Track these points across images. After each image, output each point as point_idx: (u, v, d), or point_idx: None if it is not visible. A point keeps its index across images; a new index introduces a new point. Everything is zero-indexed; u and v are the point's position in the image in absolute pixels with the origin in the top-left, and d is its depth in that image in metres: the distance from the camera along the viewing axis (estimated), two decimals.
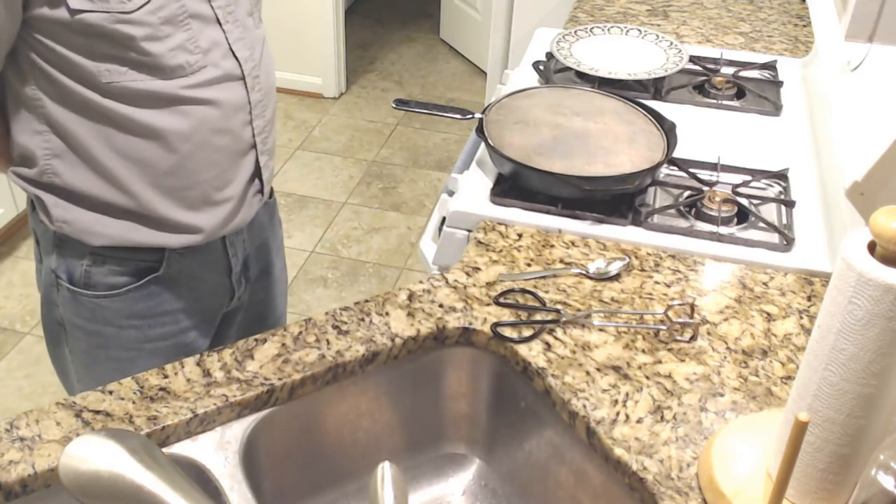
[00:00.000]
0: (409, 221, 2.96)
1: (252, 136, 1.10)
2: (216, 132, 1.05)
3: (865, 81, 1.26)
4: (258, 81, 1.09)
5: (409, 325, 1.01)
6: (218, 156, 1.07)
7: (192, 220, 1.08)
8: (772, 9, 1.94)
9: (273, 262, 1.32)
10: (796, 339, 1.02)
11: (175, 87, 1.00)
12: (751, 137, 1.43)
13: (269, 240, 1.30)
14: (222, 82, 1.04)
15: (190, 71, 1.00)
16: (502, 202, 1.23)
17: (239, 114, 1.07)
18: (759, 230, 1.20)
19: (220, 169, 1.08)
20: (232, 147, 1.08)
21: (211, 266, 1.17)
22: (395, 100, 1.42)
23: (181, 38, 0.98)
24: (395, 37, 4.25)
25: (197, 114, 1.02)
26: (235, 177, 1.10)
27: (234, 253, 1.19)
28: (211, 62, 1.02)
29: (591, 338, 1.01)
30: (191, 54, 1.00)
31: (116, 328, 1.13)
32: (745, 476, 0.81)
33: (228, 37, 1.04)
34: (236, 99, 1.06)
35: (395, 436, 1.06)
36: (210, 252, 1.15)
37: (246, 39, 1.06)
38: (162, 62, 0.98)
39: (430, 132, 3.47)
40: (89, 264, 1.09)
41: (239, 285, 1.23)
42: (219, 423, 0.91)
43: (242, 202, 1.13)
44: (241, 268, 1.22)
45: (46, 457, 0.84)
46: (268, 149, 1.15)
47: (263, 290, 1.32)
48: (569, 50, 1.61)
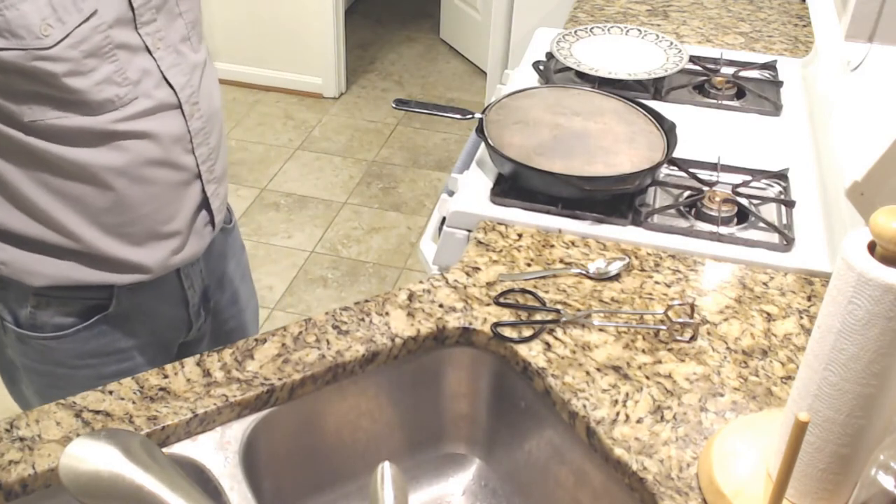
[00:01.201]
0: (409, 221, 2.96)
1: (196, 165, 1.05)
2: (154, 165, 1.00)
3: (865, 81, 1.26)
4: (197, 108, 1.03)
5: (409, 325, 1.01)
6: (157, 189, 1.01)
7: (137, 257, 1.04)
8: (772, 9, 1.94)
9: (239, 290, 1.28)
10: (796, 339, 1.02)
11: (105, 122, 0.94)
12: (751, 137, 1.43)
13: (231, 268, 1.26)
14: (156, 112, 0.99)
15: (120, 104, 0.95)
16: (502, 202, 1.23)
17: (178, 144, 1.02)
18: (759, 230, 1.20)
19: (162, 202, 1.03)
20: (172, 179, 1.03)
21: (165, 300, 1.13)
22: (395, 100, 1.42)
23: (107, 71, 0.93)
24: (395, 37, 4.25)
25: (132, 148, 0.97)
26: (181, 209, 1.05)
27: (189, 285, 1.15)
28: (142, 93, 0.96)
29: (591, 338, 1.01)
30: (119, 87, 0.94)
31: (69, 368, 1.09)
32: (745, 476, 0.81)
33: (161, 65, 0.98)
34: (174, 129, 1.01)
35: (395, 436, 1.06)
36: (164, 286, 1.11)
37: (181, 66, 1.01)
38: (88, 97, 0.92)
39: (430, 132, 3.47)
40: (34, 306, 1.04)
41: (197, 317, 1.19)
42: (219, 423, 0.91)
43: (189, 234, 1.08)
44: (199, 299, 1.18)
45: (46, 457, 0.84)
46: (215, 177, 1.09)
47: (234, 320, 1.29)
48: (569, 50, 1.61)
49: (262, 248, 2.81)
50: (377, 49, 4.12)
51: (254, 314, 1.36)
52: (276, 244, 2.83)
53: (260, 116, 3.54)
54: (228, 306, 1.27)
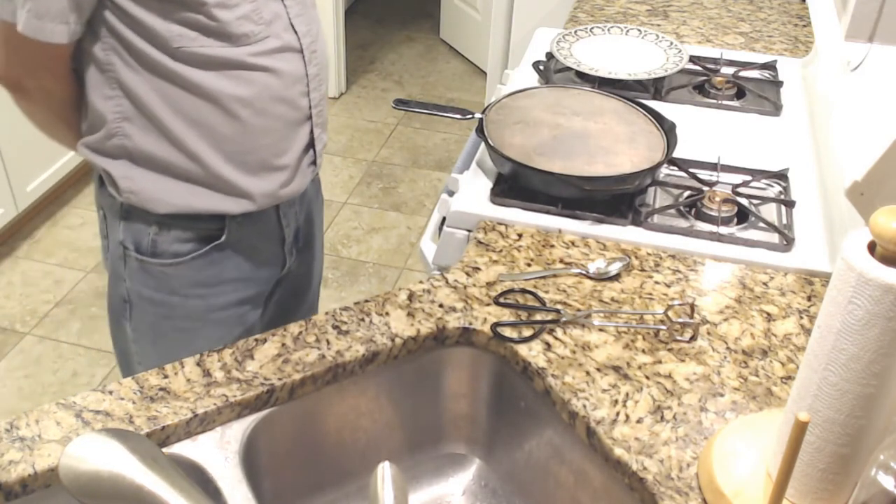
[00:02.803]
0: (409, 221, 2.96)
1: (309, 107, 1.15)
2: (276, 100, 1.10)
3: (865, 81, 1.26)
4: (315, 56, 1.14)
5: (409, 325, 1.01)
6: (277, 123, 1.11)
7: (250, 185, 1.13)
8: (772, 9, 1.94)
9: (315, 236, 1.36)
10: (796, 339, 1.02)
11: (241, 53, 1.05)
12: (751, 137, 1.44)
13: (315, 213, 1.34)
14: (283, 52, 1.09)
15: (254, 40, 1.06)
16: (502, 202, 1.23)
17: (297, 85, 1.12)
18: (759, 230, 1.20)
19: (278, 136, 1.12)
20: (289, 116, 1.12)
21: (266, 235, 1.22)
22: (395, 100, 1.42)
23: (247, 9, 1.04)
24: (395, 37, 4.25)
25: (259, 81, 1.07)
26: (292, 145, 1.15)
27: (287, 223, 1.23)
28: (273, 33, 1.07)
29: (591, 338, 1.01)
30: (255, 24, 1.05)
31: (182, 297, 1.18)
32: (745, 476, 0.81)
33: (289, 11, 1.09)
34: (295, 70, 1.11)
35: (395, 436, 1.06)
36: (265, 222, 1.20)
37: (304, 16, 1.12)
38: (229, 29, 1.03)
39: (430, 132, 3.47)
40: (156, 232, 1.14)
41: (290, 255, 1.28)
42: (219, 423, 0.91)
43: (297, 170, 1.18)
44: (293, 238, 1.27)
45: (46, 457, 0.84)
46: (322, 122, 1.20)
47: (305, 265, 1.35)
48: (569, 50, 1.61)
49: None
50: (377, 49, 4.12)
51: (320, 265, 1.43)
52: None
53: None
54: (306, 249, 1.34)
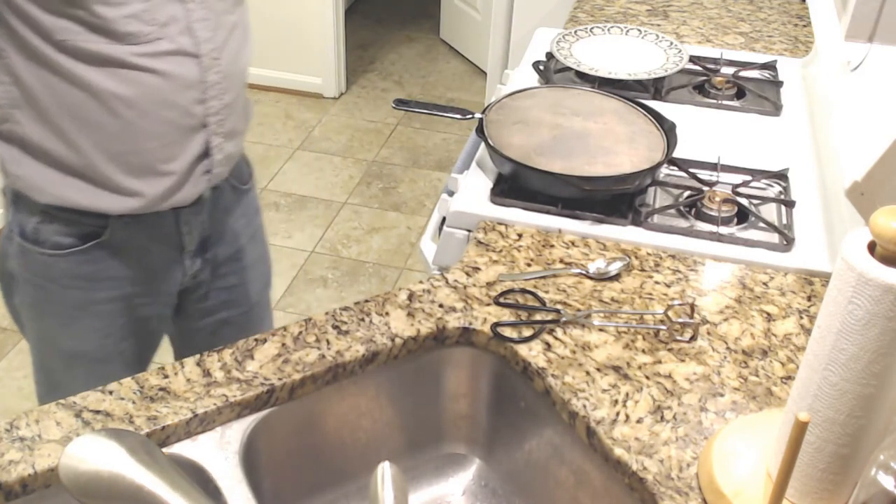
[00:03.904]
0: (409, 221, 2.96)
1: (204, 115, 1.11)
2: (162, 104, 1.06)
3: (865, 81, 1.26)
4: (217, 63, 1.09)
5: (409, 325, 1.01)
6: (163, 128, 1.08)
7: (133, 187, 1.10)
8: (772, 9, 1.94)
9: (245, 249, 1.33)
10: (796, 339, 1.02)
11: (125, 52, 1.01)
12: (751, 137, 1.43)
13: (239, 226, 1.31)
14: (174, 56, 1.05)
15: (143, 40, 1.02)
16: (502, 202, 1.23)
17: (190, 91, 1.08)
18: (759, 230, 1.20)
19: (166, 141, 1.09)
20: (179, 122, 1.09)
21: (160, 239, 1.19)
22: (395, 100, 1.42)
23: (136, 8, 1.00)
24: (395, 37, 4.25)
25: (144, 82, 1.04)
26: (181, 152, 1.11)
27: (187, 231, 1.20)
28: (166, 35, 1.03)
29: (591, 338, 1.01)
30: (145, 25, 1.01)
31: (61, 287, 1.17)
32: (745, 476, 0.81)
33: (191, 15, 1.05)
34: (187, 75, 1.07)
35: (395, 436, 1.06)
36: (159, 225, 1.17)
37: (210, 21, 1.07)
38: (114, 27, 0.99)
39: (430, 132, 3.47)
40: (39, 221, 1.12)
41: (192, 264, 1.25)
42: (219, 423, 0.91)
43: (187, 179, 1.14)
44: (196, 247, 1.23)
45: (46, 457, 0.84)
46: (224, 131, 1.15)
47: (235, 276, 1.33)
48: (569, 50, 1.61)
49: None
50: (377, 49, 4.12)
51: (262, 276, 1.41)
52: (276, 244, 2.83)
53: (260, 116, 3.54)
54: (231, 262, 1.31)
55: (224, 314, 1.35)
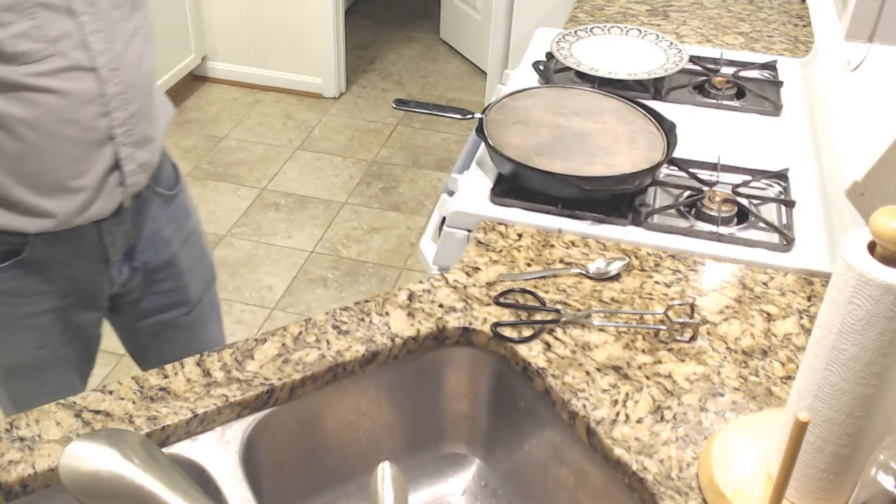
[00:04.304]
0: (409, 221, 2.96)
1: (108, 128, 1.09)
2: (63, 122, 1.04)
3: (865, 81, 1.26)
4: (116, 74, 1.07)
5: (409, 325, 1.01)
6: (68, 145, 1.06)
7: (45, 207, 1.08)
8: (772, 9, 1.94)
9: (178, 254, 1.31)
10: (796, 339, 1.02)
11: (17, 73, 0.99)
12: (751, 137, 1.43)
13: (168, 232, 1.29)
14: (70, 72, 1.02)
15: (34, 59, 0.99)
16: (502, 202, 1.23)
17: (90, 106, 1.05)
18: (759, 230, 1.20)
19: (71, 158, 1.07)
20: (83, 138, 1.07)
21: (83, 252, 1.18)
22: (395, 100, 1.42)
23: (25, 26, 0.97)
24: (395, 37, 4.25)
25: (42, 102, 1.01)
26: (91, 167, 1.09)
27: (111, 242, 1.19)
28: (59, 51, 1.01)
29: (591, 338, 1.01)
30: (36, 42, 0.98)
31: None
32: (745, 476, 0.81)
33: (83, 28, 1.02)
34: (85, 90, 1.04)
35: (395, 436, 1.06)
36: (80, 239, 1.16)
37: (106, 32, 1.05)
38: (3, 48, 0.97)
39: (430, 132, 3.47)
40: None
41: (119, 273, 1.24)
42: (219, 423, 0.91)
43: (100, 192, 1.12)
44: (121, 256, 1.22)
45: (46, 457, 0.84)
46: (133, 141, 1.13)
47: (171, 281, 1.32)
48: (569, 50, 1.61)
49: (262, 248, 2.81)
50: (377, 49, 4.12)
51: (203, 277, 1.39)
52: (276, 244, 2.83)
53: (260, 116, 3.54)
54: (165, 268, 1.30)
55: (164, 316, 1.34)
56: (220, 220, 2.93)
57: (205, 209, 2.97)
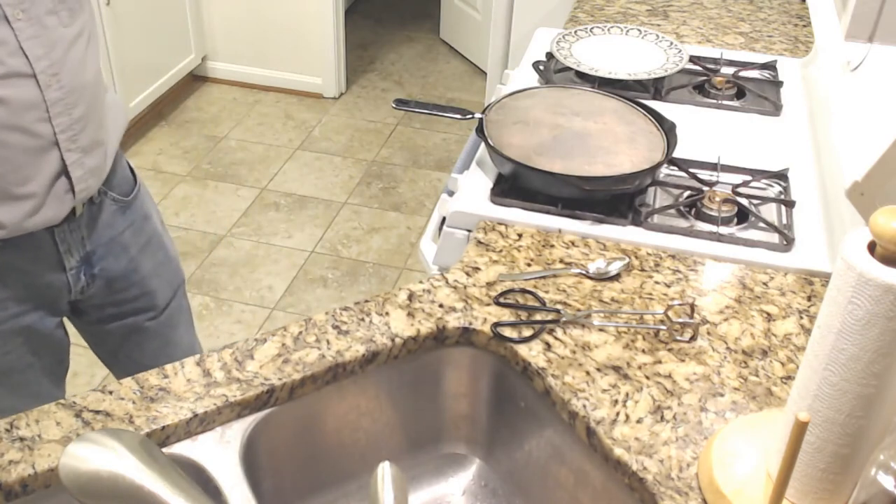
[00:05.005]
0: (409, 221, 2.96)
1: (53, 133, 1.08)
2: (5, 129, 1.03)
3: (865, 81, 1.26)
4: (56, 79, 1.06)
5: (409, 325, 1.01)
6: (10, 152, 1.05)
7: None
8: (772, 9, 1.94)
9: (138, 260, 1.30)
10: (796, 339, 1.02)
11: None
12: (751, 137, 1.43)
13: (127, 237, 1.28)
14: (8, 79, 1.02)
15: None
16: (502, 202, 1.23)
17: (31, 111, 1.05)
18: (759, 230, 1.20)
19: (15, 164, 1.06)
20: (26, 144, 1.06)
21: (39, 260, 1.17)
22: (395, 100, 1.42)
23: None
24: (395, 37, 4.25)
25: None
26: (36, 173, 1.09)
27: (66, 249, 1.19)
28: None
29: (591, 338, 1.01)
30: None
31: None
32: (745, 476, 0.81)
33: (18, 35, 1.01)
34: (26, 96, 1.04)
35: (395, 436, 1.06)
36: (35, 246, 1.15)
37: (42, 38, 1.04)
38: None
39: (430, 132, 3.47)
40: None
41: (77, 281, 1.23)
42: (219, 423, 0.91)
43: (48, 199, 1.11)
44: (78, 263, 1.21)
45: (46, 457, 0.84)
46: (79, 146, 1.12)
47: (135, 287, 1.31)
48: (569, 50, 1.61)
49: (262, 248, 2.81)
50: (377, 49, 4.12)
51: (169, 281, 1.38)
52: (276, 244, 2.83)
53: (260, 116, 3.54)
54: (126, 274, 1.29)
55: (131, 320, 1.33)
56: (220, 220, 2.93)
57: (205, 209, 2.97)
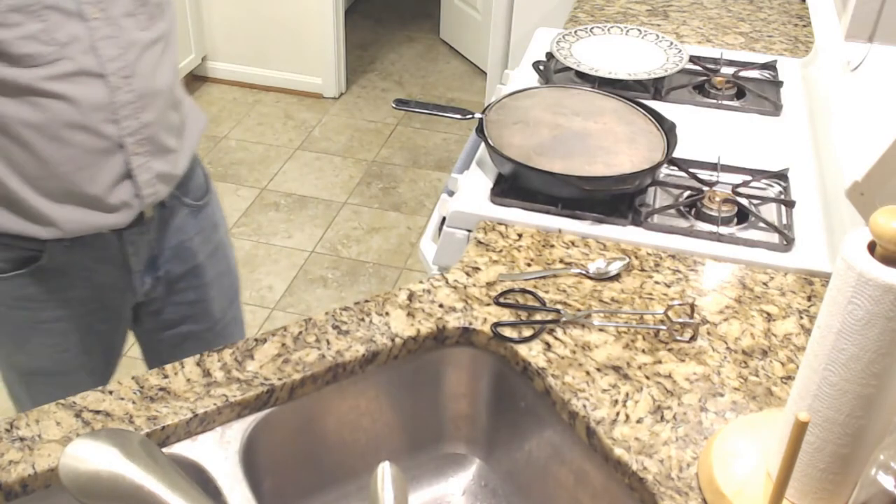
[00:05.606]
0: (409, 221, 2.96)
1: (118, 136, 1.07)
2: (71, 128, 1.02)
3: (865, 81, 1.26)
4: (128, 82, 1.05)
5: (409, 325, 1.01)
6: (75, 151, 1.04)
7: (55, 213, 1.07)
8: (772, 9, 1.94)
9: (203, 266, 1.30)
10: (796, 339, 1.02)
11: (25, 76, 0.98)
12: (751, 137, 1.43)
13: (196, 243, 1.27)
14: (78, 77, 1.01)
15: (42, 62, 0.98)
16: (502, 202, 1.23)
17: (99, 112, 1.04)
18: (759, 230, 1.20)
19: (80, 164, 1.05)
20: (91, 144, 1.05)
21: (105, 260, 1.17)
22: (395, 100, 1.42)
23: (33, 29, 0.96)
24: (395, 37, 4.25)
25: (49, 107, 1.00)
26: (99, 175, 1.07)
27: (133, 251, 1.18)
28: (67, 56, 0.99)
29: (591, 338, 1.01)
30: (44, 45, 0.97)
31: (6, 308, 1.16)
32: (745, 476, 0.81)
33: (94, 34, 1.00)
34: (95, 97, 1.03)
35: (395, 436, 1.06)
36: (102, 247, 1.15)
37: (118, 39, 1.03)
38: (8, 49, 0.95)
39: (430, 132, 3.47)
40: None
41: (142, 283, 1.22)
42: (219, 423, 0.91)
43: (112, 201, 1.10)
44: (144, 266, 1.21)
45: (46, 457, 0.84)
46: (146, 151, 1.10)
47: (194, 292, 1.31)
48: (569, 50, 1.61)
49: (262, 248, 2.81)
50: (377, 49, 4.12)
51: (226, 292, 1.38)
52: (276, 244, 2.83)
53: (260, 116, 3.54)
54: (188, 279, 1.29)
55: (185, 328, 1.33)
56: None
57: None
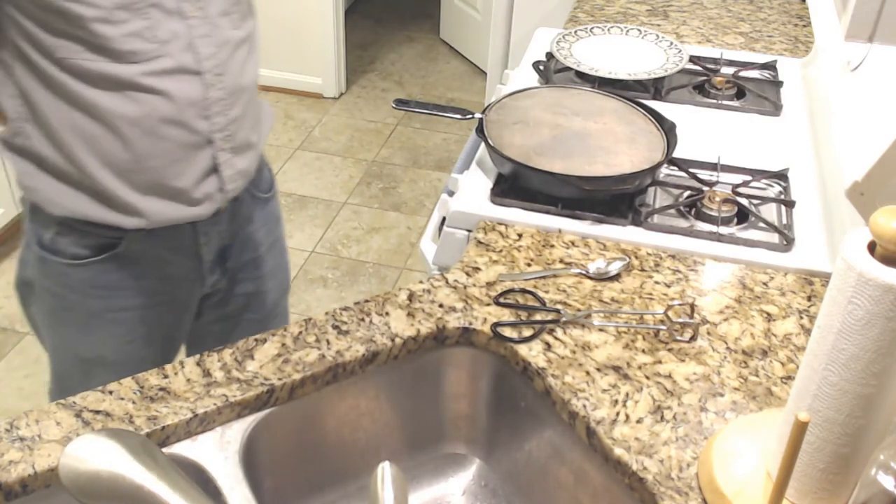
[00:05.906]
0: (409, 221, 2.96)
1: (208, 131, 1.10)
2: (166, 122, 1.05)
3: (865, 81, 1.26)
4: (221, 80, 1.08)
5: (409, 325, 1.01)
6: (167, 145, 1.07)
7: (141, 204, 1.10)
8: (772, 9, 1.94)
9: (264, 258, 1.32)
10: (796, 339, 1.02)
11: (127, 72, 1.01)
12: (751, 137, 1.44)
13: (260, 235, 1.30)
14: (176, 74, 1.04)
15: (143, 58, 1.01)
16: (502, 202, 1.23)
17: (193, 108, 1.07)
18: (759, 230, 1.20)
19: (171, 158, 1.08)
20: (183, 139, 1.08)
21: (179, 250, 1.19)
22: (395, 100, 1.42)
23: (138, 26, 0.99)
24: (395, 37, 4.25)
25: (147, 101, 1.03)
26: (188, 169, 1.10)
27: (205, 241, 1.20)
28: (167, 53, 1.02)
29: (591, 338, 1.01)
30: (147, 42, 1.00)
31: (81, 295, 1.17)
32: (745, 476, 0.81)
33: (192, 31, 1.04)
34: (190, 93, 1.06)
35: (395, 436, 1.06)
36: (178, 237, 1.17)
37: (213, 37, 1.06)
38: (114, 45, 0.99)
39: (430, 132, 3.47)
40: (56, 232, 1.13)
41: (211, 273, 1.24)
42: (219, 423, 0.91)
43: (197, 195, 1.13)
44: (214, 256, 1.23)
45: (46, 457, 0.84)
46: (232, 146, 1.14)
47: (252, 283, 1.33)
48: (569, 50, 1.61)
49: None
50: (377, 49, 4.12)
51: (280, 285, 1.40)
52: None
53: None
54: (249, 269, 1.31)
55: (239, 319, 1.35)
56: None
57: None
